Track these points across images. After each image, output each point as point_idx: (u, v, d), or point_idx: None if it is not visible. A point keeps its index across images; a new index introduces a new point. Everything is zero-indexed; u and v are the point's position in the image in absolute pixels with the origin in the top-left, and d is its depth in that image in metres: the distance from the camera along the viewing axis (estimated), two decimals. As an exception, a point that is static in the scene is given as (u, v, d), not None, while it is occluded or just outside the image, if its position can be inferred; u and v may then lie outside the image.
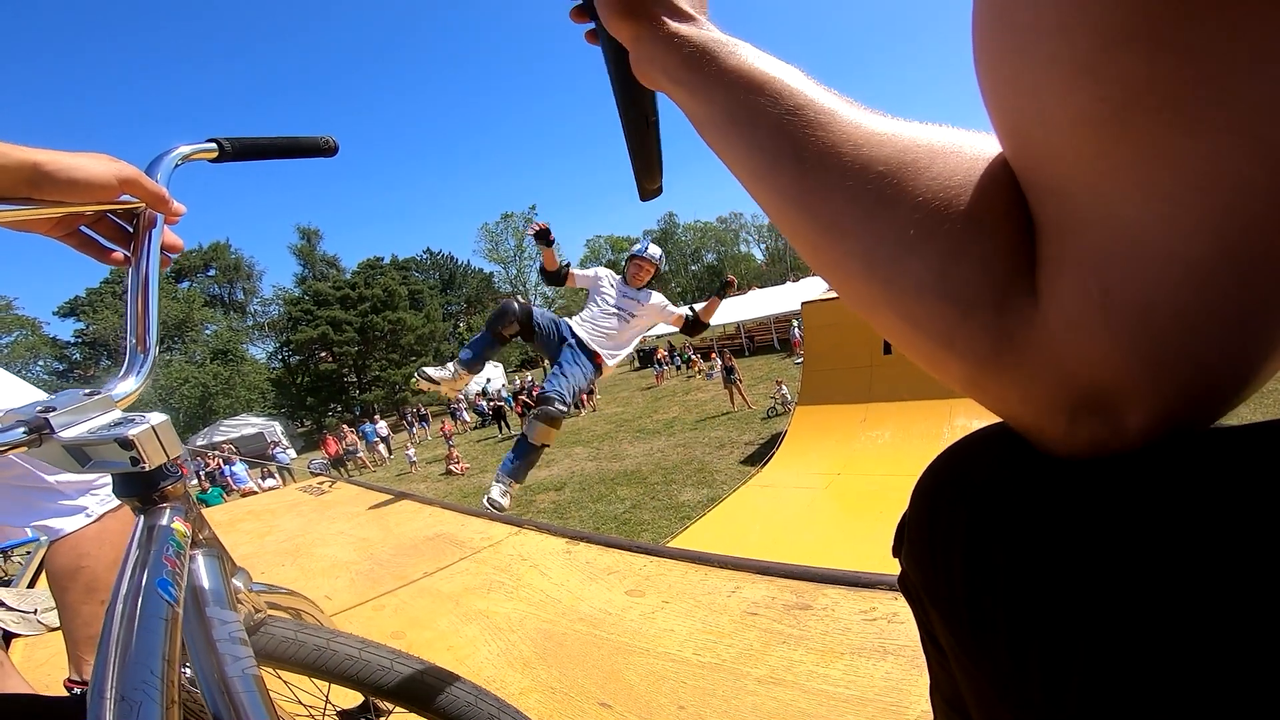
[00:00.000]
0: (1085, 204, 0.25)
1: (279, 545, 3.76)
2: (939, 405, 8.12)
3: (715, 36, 0.45)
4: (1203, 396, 0.26)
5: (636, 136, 0.62)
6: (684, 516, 8.71)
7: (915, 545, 0.38)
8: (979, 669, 0.32)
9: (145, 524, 0.56)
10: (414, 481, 16.71)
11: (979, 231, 0.29)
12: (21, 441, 0.49)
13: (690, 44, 0.45)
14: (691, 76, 0.45)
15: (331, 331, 42.40)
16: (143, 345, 0.64)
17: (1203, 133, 0.21)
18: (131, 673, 0.45)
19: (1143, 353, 0.25)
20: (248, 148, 0.86)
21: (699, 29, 0.46)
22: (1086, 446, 0.29)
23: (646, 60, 0.50)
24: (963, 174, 0.31)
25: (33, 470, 1.48)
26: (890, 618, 1.64)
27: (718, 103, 0.43)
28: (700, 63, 0.44)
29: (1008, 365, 0.29)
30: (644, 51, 0.50)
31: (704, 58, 0.44)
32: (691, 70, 0.45)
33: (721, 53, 0.43)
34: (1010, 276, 0.29)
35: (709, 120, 0.44)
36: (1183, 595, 0.24)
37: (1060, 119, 0.25)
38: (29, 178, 0.61)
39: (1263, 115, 0.20)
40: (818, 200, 0.35)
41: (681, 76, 0.46)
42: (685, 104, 0.47)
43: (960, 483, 0.36)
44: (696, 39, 0.45)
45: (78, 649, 1.56)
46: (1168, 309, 0.24)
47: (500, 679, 1.74)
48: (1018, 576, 0.29)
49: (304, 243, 56.32)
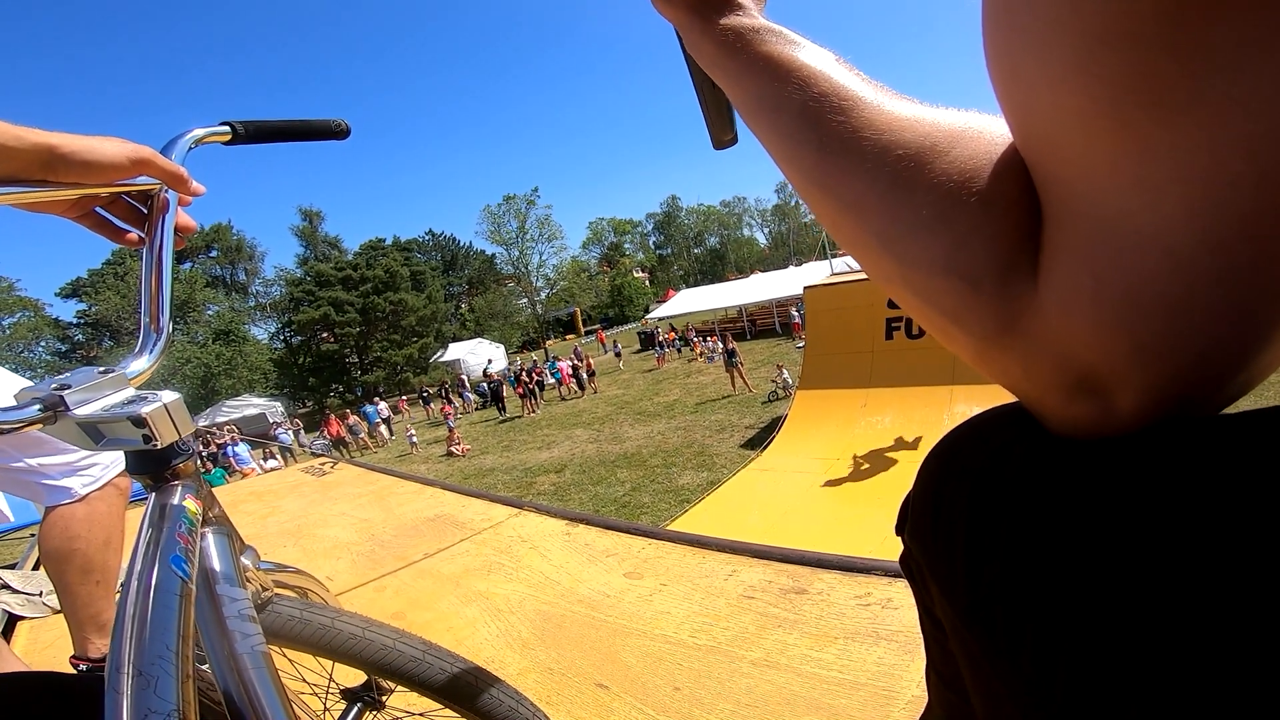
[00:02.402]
0: (1080, 193, 0.26)
1: (281, 526, 3.78)
2: (939, 391, 8.11)
3: (752, 24, 0.47)
4: (1195, 382, 0.27)
5: (703, 96, 0.65)
6: (683, 500, 8.75)
7: (919, 522, 0.40)
8: (976, 641, 0.33)
9: (157, 501, 0.57)
10: (415, 463, 16.77)
11: (990, 214, 0.31)
12: (38, 418, 0.50)
13: (726, 32, 0.47)
14: (727, 63, 0.47)
15: (333, 312, 42.25)
16: (156, 324, 0.65)
17: (1189, 128, 0.22)
18: (148, 647, 0.46)
19: (1130, 337, 0.26)
20: (261, 130, 0.87)
21: (738, 17, 0.48)
22: (1084, 426, 0.30)
23: (692, 45, 0.52)
24: (981, 158, 0.32)
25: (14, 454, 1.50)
26: (884, 603, 1.66)
27: (749, 89, 0.45)
28: (735, 50, 0.46)
29: (1011, 342, 0.31)
30: (687, 37, 0.52)
31: (738, 45, 0.46)
32: (727, 57, 0.47)
33: (755, 40, 0.45)
34: (1016, 258, 0.30)
35: (743, 104, 0.46)
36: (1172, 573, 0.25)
37: (1057, 113, 0.26)
38: (45, 160, 0.61)
39: (1246, 111, 0.21)
40: (838, 182, 0.37)
41: (719, 62, 0.48)
42: (724, 87, 0.49)
43: (964, 462, 0.37)
44: (733, 27, 0.47)
45: (80, 629, 1.59)
46: (1154, 296, 0.25)
47: (499, 660, 1.76)
48: (1016, 551, 0.31)
49: (306, 224, 56.04)
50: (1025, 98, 0.28)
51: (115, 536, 1.64)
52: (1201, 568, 0.24)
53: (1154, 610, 0.25)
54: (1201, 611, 0.24)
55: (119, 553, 1.66)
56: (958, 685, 0.39)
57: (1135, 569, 0.26)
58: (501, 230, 53.30)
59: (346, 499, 4.15)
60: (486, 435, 18.94)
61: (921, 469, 0.41)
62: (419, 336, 44.72)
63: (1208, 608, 0.24)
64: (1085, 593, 0.27)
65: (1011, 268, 0.30)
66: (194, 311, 45.65)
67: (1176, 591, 0.24)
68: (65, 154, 0.62)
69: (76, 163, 0.63)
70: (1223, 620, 0.23)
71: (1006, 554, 0.31)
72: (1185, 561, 0.25)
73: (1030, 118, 0.28)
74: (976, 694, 0.36)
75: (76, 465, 1.58)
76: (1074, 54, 0.24)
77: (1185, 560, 0.25)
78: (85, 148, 0.63)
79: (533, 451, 14.94)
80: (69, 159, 0.62)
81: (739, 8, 0.49)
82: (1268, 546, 0.23)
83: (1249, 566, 0.23)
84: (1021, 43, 0.26)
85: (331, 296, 42.66)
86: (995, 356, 0.32)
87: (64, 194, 0.64)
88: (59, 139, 0.62)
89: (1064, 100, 0.25)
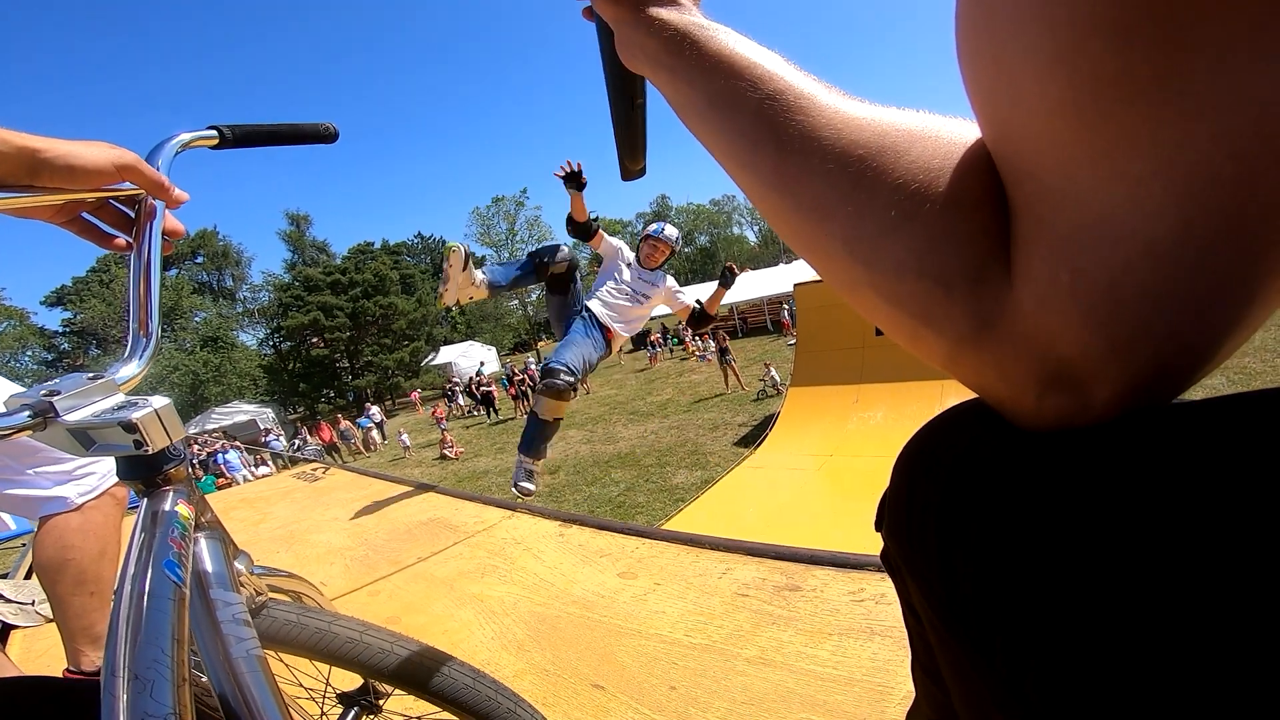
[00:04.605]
0: (1058, 187, 0.26)
1: (273, 533, 3.77)
2: (931, 386, 8.13)
3: (697, 21, 0.46)
4: (1166, 372, 0.27)
5: (622, 116, 0.63)
6: (678, 499, 8.74)
7: (894, 519, 0.40)
8: (952, 637, 0.33)
9: (149, 507, 0.57)
10: (408, 466, 16.69)
11: (957, 214, 0.30)
12: (27, 425, 0.50)
13: (672, 28, 0.46)
14: (673, 61, 0.45)
15: (323, 317, 42.05)
16: (145, 330, 0.65)
17: (1170, 121, 0.22)
18: (143, 652, 0.46)
19: (1108, 329, 0.26)
20: (249, 134, 0.86)
21: (682, 13, 0.47)
22: (1054, 420, 0.30)
23: (630, 43, 0.50)
24: (941, 158, 0.32)
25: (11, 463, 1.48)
26: (878, 599, 1.66)
27: (698, 87, 0.43)
28: (681, 47, 0.45)
29: (985, 343, 0.30)
30: (627, 35, 0.50)
31: (685, 42, 0.44)
32: (673, 55, 0.45)
33: (702, 37, 0.44)
34: (987, 257, 0.30)
35: (690, 105, 0.45)
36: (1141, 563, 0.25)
37: (1036, 106, 0.26)
38: (28, 165, 0.61)
39: (1228, 105, 0.22)
40: (798, 184, 0.36)
41: (663, 60, 0.46)
42: (667, 88, 0.47)
43: (935, 457, 0.37)
44: (678, 23, 0.46)
45: (73, 640, 1.56)
46: (1132, 288, 0.25)
47: (495, 662, 1.76)
48: (986, 548, 0.31)
49: (293, 229, 55.75)
50: (1002, 91, 0.28)
51: (111, 547, 1.60)
52: (1176, 559, 0.24)
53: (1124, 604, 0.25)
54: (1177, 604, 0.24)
55: (114, 564, 1.62)
56: (941, 680, 0.39)
57: (1105, 562, 0.26)
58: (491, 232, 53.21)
59: (339, 504, 4.14)
60: (480, 438, 18.86)
61: (895, 466, 0.41)
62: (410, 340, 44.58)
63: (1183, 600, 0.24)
64: (1054, 588, 0.27)
65: (983, 267, 0.30)
66: (181, 318, 45.34)
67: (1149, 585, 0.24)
68: (49, 159, 0.62)
69: (60, 168, 0.62)
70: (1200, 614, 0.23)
71: (978, 551, 0.31)
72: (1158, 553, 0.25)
73: (1007, 112, 0.28)
74: (955, 689, 0.36)
75: (73, 474, 1.55)
76: (1057, 47, 0.24)
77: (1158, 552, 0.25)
78: (69, 153, 0.63)
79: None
80: (53, 164, 0.62)
81: (678, 5, 0.48)
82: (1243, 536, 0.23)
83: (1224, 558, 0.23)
84: (1000, 36, 0.26)
85: (320, 301, 42.47)
86: (968, 357, 0.32)
87: (49, 199, 0.64)
88: (43, 143, 0.62)
89: (1045, 94, 0.25)
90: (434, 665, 0.89)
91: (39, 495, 1.51)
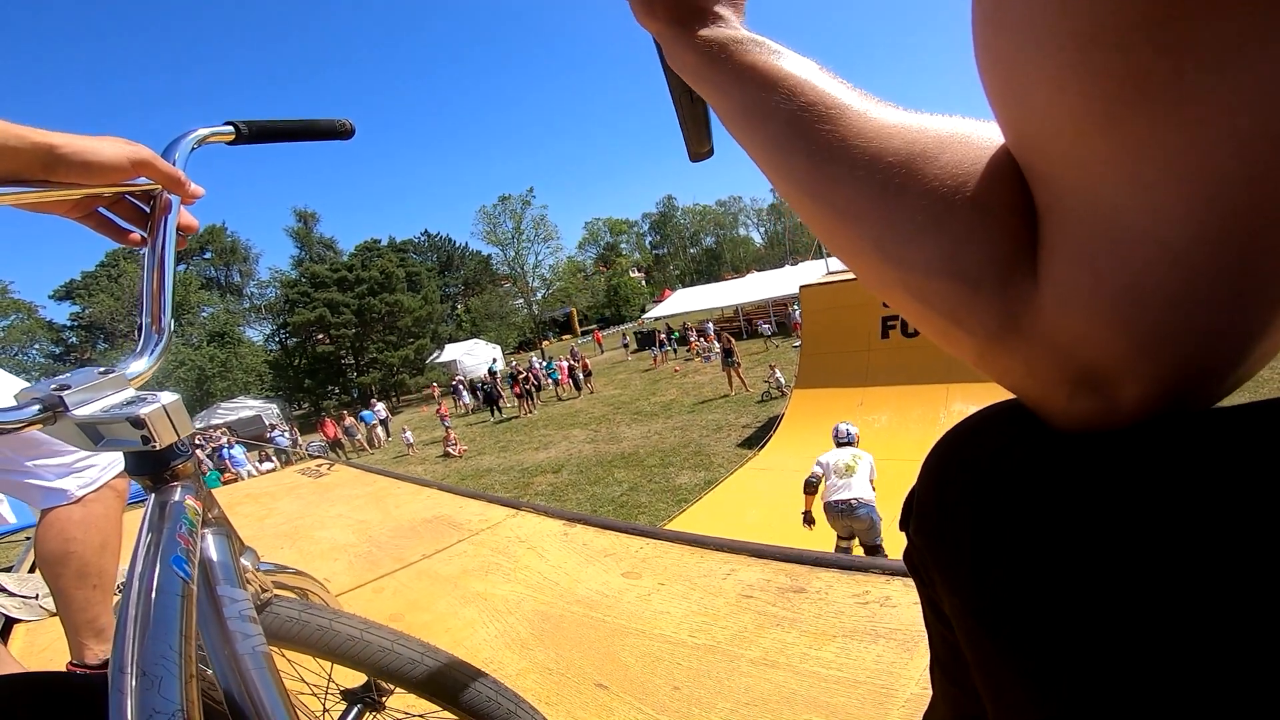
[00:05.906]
0: (1076, 192, 0.27)
1: (278, 528, 3.78)
2: (936, 390, 8.13)
3: (733, 35, 0.47)
4: (1195, 375, 0.27)
5: (684, 108, 0.65)
6: (681, 499, 8.75)
7: (924, 517, 0.40)
8: (986, 637, 0.34)
9: (157, 502, 0.57)
10: (412, 464, 16.74)
11: (985, 216, 0.31)
12: (37, 419, 0.50)
13: (708, 43, 0.47)
14: (710, 73, 0.47)
15: (329, 313, 42.08)
16: (157, 325, 0.65)
17: (1179, 125, 0.23)
18: (150, 648, 0.46)
19: (1130, 332, 0.27)
20: (265, 130, 0.86)
21: (720, 28, 0.48)
22: (1086, 420, 0.31)
23: (672, 55, 0.52)
24: (970, 162, 0.32)
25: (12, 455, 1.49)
26: (882, 601, 1.66)
27: (734, 99, 0.45)
28: (718, 61, 0.46)
29: (1012, 342, 0.31)
30: (668, 49, 0.52)
31: (721, 55, 0.46)
32: (710, 68, 0.47)
33: (738, 50, 0.45)
34: (1014, 258, 0.30)
35: (728, 115, 0.46)
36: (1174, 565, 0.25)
37: (1051, 114, 0.26)
38: (45, 160, 0.61)
39: (1234, 109, 0.22)
40: (830, 190, 0.37)
41: (702, 73, 0.48)
42: (709, 98, 0.49)
43: (968, 457, 0.38)
44: (714, 38, 0.47)
45: (77, 634, 1.56)
46: (1152, 291, 0.25)
47: (498, 660, 1.76)
48: (1022, 549, 0.31)
49: (300, 225, 55.84)
50: (1019, 99, 0.28)
51: (112, 540, 1.61)
52: (1209, 563, 0.24)
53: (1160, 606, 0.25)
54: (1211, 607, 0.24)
55: (116, 556, 1.63)
56: (963, 680, 0.39)
57: (1140, 565, 0.26)
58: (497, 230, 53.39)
59: (344, 500, 4.15)
60: (484, 436, 18.91)
61: (925, 465, 0.41)
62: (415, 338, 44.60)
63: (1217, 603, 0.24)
64: (1091, 589, 0.27)
65: (1010, 268, 0.30)
66: (188, 314, 45.52)
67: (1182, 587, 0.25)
68: (66, 154, 0.62)
69: (77, 163, 0.63)
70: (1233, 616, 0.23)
71: (1013, 552, 0.31)
72: (1191, 556, 0.25)
73: (1024, 118, 0.28)
74: (986, 690, 0.36)
75: (73, 466, 1.55)
76: (1069, 56, 0.24)
77: (1191, 555, 0.25)
78: (85, 148, 0.63)
79: (530, 452, 14.89)
80: (69, 159, 0.62)
81: (719, 19, 0.49)
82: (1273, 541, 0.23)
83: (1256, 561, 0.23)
84: (1014, 45, 0.27)
85: (327, 298, 42.52)
86: (997, 356, 0.33)
87: (65, 194, 0.64)
88: (60, 139, 0.62)
89: (1059, 102, 0.25)
90: (436, 664, 0.89)
91: (40, 485, 1.51)
